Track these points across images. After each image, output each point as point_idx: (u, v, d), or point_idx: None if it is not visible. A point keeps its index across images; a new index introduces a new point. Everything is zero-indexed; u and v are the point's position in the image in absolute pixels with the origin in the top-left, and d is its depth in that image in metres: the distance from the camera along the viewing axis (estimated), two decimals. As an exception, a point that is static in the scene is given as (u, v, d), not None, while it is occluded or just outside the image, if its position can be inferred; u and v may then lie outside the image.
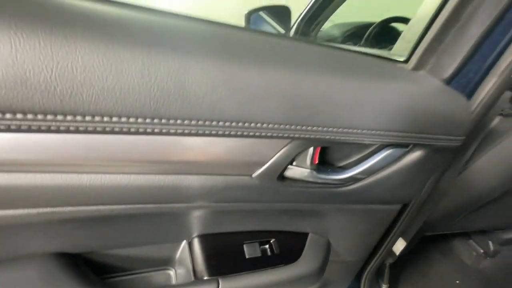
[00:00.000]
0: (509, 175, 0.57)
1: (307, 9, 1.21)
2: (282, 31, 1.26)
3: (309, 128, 0.32)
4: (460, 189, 0.63)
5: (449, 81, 0.41)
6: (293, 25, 1.26)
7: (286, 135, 0.32)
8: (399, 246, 0.70)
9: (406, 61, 0.42)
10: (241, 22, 1.19)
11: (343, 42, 1.31)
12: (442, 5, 0.40)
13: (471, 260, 1.00)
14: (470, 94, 0.43)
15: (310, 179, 0.38)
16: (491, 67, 0.43)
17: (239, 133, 0.30)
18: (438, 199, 0.61)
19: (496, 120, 0.54)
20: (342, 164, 0.42)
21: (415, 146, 0.40)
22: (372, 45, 1.14)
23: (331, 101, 0.32)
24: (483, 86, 0.43)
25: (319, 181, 0.39)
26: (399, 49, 0.62)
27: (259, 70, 0.29)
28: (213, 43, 0.30)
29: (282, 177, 0.37)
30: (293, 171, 0.37)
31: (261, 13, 1.28)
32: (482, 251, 0.99)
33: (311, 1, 1.18)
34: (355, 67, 0.37)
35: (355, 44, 1.25)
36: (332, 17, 1.24)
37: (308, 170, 0.37)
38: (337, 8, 1.20)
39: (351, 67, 0.37)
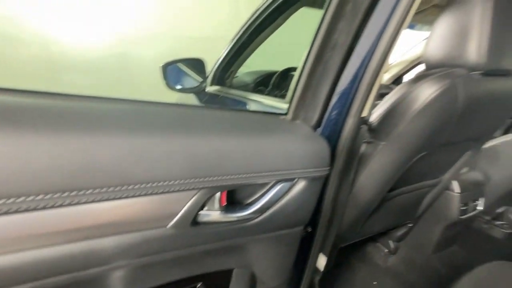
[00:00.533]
0: (380, 186, 0.75)
1: (220, 61, 1.36)
2: (200, 79, 1.37)
3: (211, 179, 0.38)
4: (353, 204, 0.78)
5: (315, 127, 0.55)
6: (210, 73, 1.39)
7: (192, 187, 0.37)
8: (322, 262, 0.79)
9: (287, 112, 0.55)
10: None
11: (254, 88, 1.49)
12: (303, 66, 0.55)
13: (381, 260, 1.19)
14: (333, 134, 0.58)
15: (221, 220, 0.43)
16: (347, 111, 0.59)
17: (149, 192, 0.34)
18: (340, 215, 0.74)
19: (363, 147, 0.72)
20: (248, 201, 0.49)
21: (298, 179, 0.50)
22: (276, 91, 1.35)
23: (226, 155, 0.40)
24: (346, 126, 0.59)
25: (230, 219, 0.45)
26: (289, 98, 0.78)
27: (161, 138, 0.35)
28: (121, 119, 0.35)
29: (195, 223, 0.42)
30: (205, 216, 0.42)
31: (178, 64, 1.38)
32: (386, 250, 1.19)
33: (222, 54, 1.34)
34: (243, 125, 0.47)
35: (266, 88, 1.44)
36: (249, 64, 1.42)
37: (218, 212, 0.43)
38: (245, 60, 1.38)
39: (240, 125, 0.47)
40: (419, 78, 0.63)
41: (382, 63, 0.53)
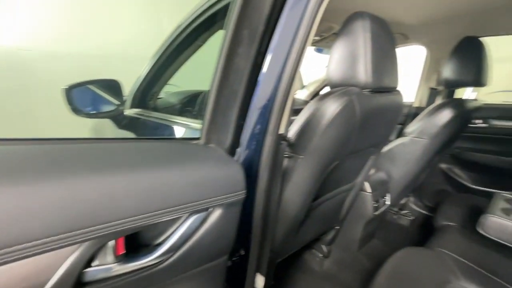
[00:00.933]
0: (305, 197, 0.79)
1: (140, 81, 1.27)
2: (116, 102, 1.25)
3: (97, 227, 0.31)
4: (283, 218, 0.79)
5: (231, 149, 0.54)
6: (129, 95, 1.28)
7: (69, 242, 0.30)
8: (260, 282, 0.77)
9: (200, 137, 0.53)
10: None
11: (181, 109, 1.44)
12: (210, 90, 0.54)
13: (317, 265, 1.25)
14: (255, 153, 0.59)
15: (119, 272, 0.36)
16: (265, 129, 0.60)
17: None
18: (271, 232, 0.74)
19: (285, 162, 0.76)
20: (158, 241, 0.43)
21: (214, 207, 0.47)
22: (202, 111, 1.32)
23: (118, 196, 0.34)
24: (265, 144, 0.60)
25: (132, 269, 0.38)
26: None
27: (13, 186, 0.27)
28: None
29: (80, 285, 0.34)
30: (94, 273, 0.34)
31: (90, 86, 1.23)
32: (321, 255, 1.26)
33: (141, 75, 1.26)
34: (148, 156, 0.42)
35: (193, 109, 1.41)
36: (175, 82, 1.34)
37: (114, 265, 0.35)
38: (168, 80, 1.33)
39: (144, 157, 0.41)
40: (324, 96, 0.71)
41: (291, 84, 0.57)
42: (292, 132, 0.73)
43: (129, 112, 1.27)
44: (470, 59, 1.14)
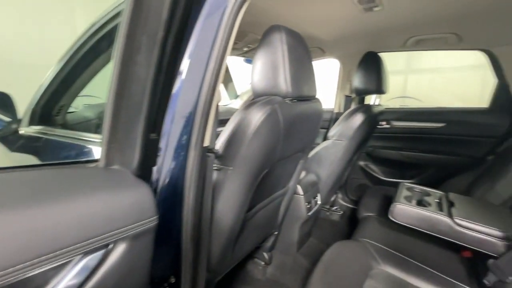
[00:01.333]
0: (238, 209, 0.78)
1: (40, 94, 1.07)
2: (7, 119, 1.02)
3: None
4: (218, 233, 0.76)
5: (139, 171, 0.48)
6: (27, 110, 1.07)
7: None
8: (198, 305, 0.71)
9: (100, 158, 0.45)
10: None
11: (99, 122, 1.27)
12: (106, 105, 0.47)
13: (260, 274, 1.24)
14: (180, 169, 0.54)
15: None
16: (188, 144, 0.56)
17: None
18: (205, 250, 0.70)
19: (215, 175, 0.73)
20: None
21: (115, 242, 0.40)
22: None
23: None
24: (189, 158, 0.56)
25: None
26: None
27: None
28: None
29: None
30: None
31: (-35, 100, 0.97)
32: (263, 263, 1.26)
33: (42, 85, 1.06)
34: (28, 190, 0.33)
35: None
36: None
37: None
38: (79, 92, 1.15)
39: (22, 191, 0.33)
40: (249, 105, 0.71)
41: (213, 93, 0.55)
42: (219, 144, 0.71)
43: (27, 130, 1.05)
44: (372, 70, 1.34)
